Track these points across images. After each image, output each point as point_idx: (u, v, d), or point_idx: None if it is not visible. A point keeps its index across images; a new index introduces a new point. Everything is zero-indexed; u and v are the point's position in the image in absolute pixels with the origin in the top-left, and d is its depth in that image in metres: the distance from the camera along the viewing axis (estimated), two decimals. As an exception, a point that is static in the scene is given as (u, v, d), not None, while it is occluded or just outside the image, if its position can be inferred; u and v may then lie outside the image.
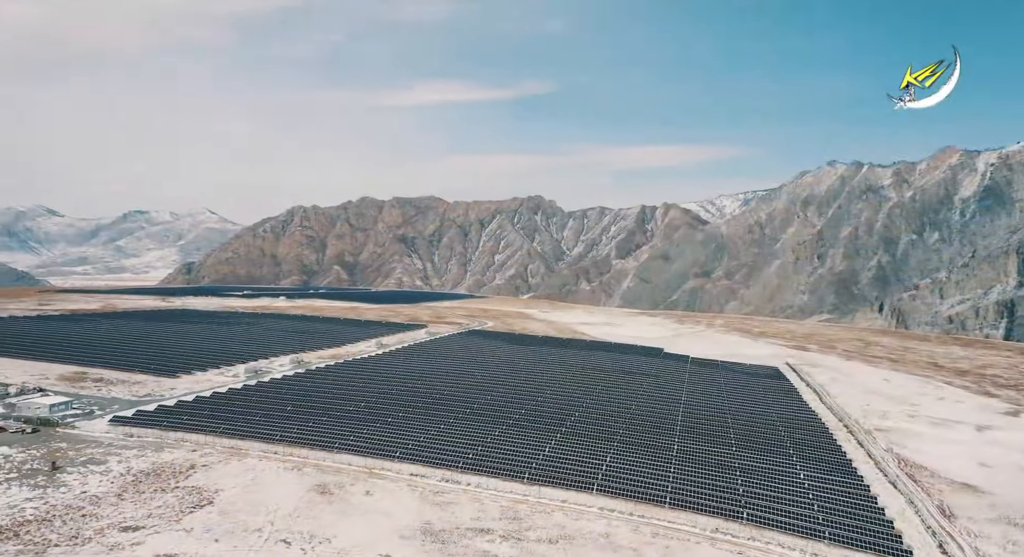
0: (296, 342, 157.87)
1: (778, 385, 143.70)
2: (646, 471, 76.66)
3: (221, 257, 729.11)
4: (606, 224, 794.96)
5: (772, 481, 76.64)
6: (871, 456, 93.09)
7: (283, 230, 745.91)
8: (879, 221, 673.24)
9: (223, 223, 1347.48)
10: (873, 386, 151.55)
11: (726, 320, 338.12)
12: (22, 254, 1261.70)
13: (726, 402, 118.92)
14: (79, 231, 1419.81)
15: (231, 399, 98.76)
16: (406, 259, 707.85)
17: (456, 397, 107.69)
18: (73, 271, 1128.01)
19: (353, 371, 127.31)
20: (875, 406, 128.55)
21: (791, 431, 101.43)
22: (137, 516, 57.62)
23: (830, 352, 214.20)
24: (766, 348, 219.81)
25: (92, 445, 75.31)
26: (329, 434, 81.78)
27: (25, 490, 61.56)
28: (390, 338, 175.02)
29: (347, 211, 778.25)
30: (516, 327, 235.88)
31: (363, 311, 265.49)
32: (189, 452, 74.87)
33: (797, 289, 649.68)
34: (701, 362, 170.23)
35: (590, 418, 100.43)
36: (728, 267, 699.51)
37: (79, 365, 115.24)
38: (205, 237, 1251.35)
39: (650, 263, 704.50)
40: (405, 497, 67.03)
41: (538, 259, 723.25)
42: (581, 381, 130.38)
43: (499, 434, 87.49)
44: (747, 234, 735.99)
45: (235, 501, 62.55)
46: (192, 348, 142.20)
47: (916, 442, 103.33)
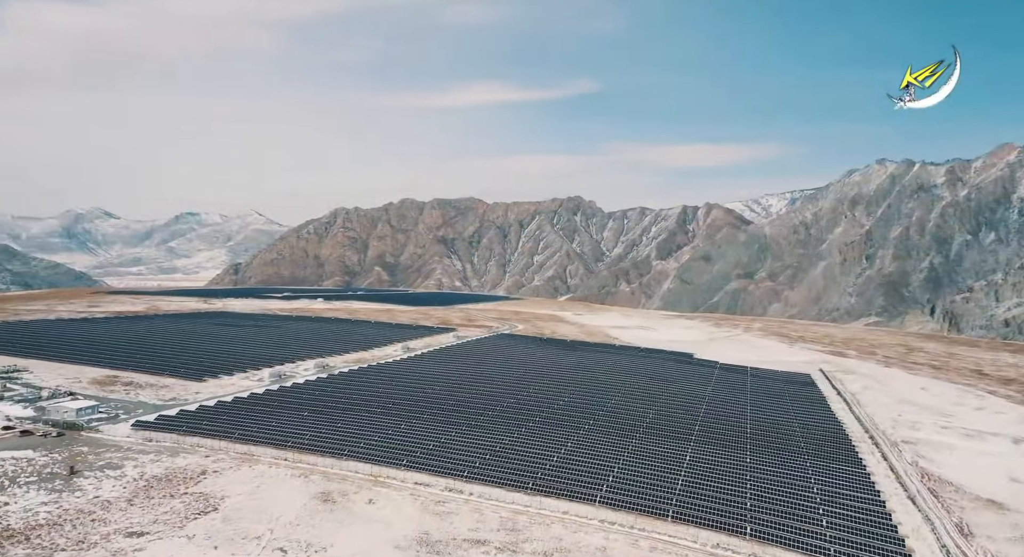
0: (324, 346, 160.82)
1: (806, 393, 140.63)
2: (654, 482, 76.00)
3: (266, 258, 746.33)
4: (646, 224, 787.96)
5: (783, 495, 75.15)
6: (893, 469, 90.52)
7: (326, 231, 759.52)
8: (931, 221, 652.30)
9: (270, 224, 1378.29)
10: (908, 395, 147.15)
11: (764, 324, 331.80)
12: (81, 255, 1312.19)
13: (747, 411, 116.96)
14: (134, 233, 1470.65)
15: (251, 404, 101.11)
16: (446, 260, 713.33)
17: (471, 403, 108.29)
18: (128, 271, 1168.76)
19: (375, 376, 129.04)
20: (907, 416, 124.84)
21: (811, 442, 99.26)
22: (143, 522, 59.59)
23: (869, 358, 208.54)
24: (802, 354, 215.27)
25: (112, 449, 78.11)
26: (340, 441, 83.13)
27: (42, 494, 64.22)
28: (417, 342, 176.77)
29: (388, 212, 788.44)
30: (546, 331, 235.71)
31: (396, 313, 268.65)
32: (203, 458, 77.06)
33: (844, 291, 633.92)
34: (729, 368, 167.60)
35: (605, 426, 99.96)
36: (772, 268, 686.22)
37: (112, 368, 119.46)
38: (253, 238, 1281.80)
39: (691, 264, 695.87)
40: (407, 506, 67.76)
41: (577, 260, 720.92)
42: (602, 387, 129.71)
43: (509, 442, 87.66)
44: (792, 234, 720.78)
45: (239, 508, 64.15)
46: (222, 351, 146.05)
47: (945, 455, 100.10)
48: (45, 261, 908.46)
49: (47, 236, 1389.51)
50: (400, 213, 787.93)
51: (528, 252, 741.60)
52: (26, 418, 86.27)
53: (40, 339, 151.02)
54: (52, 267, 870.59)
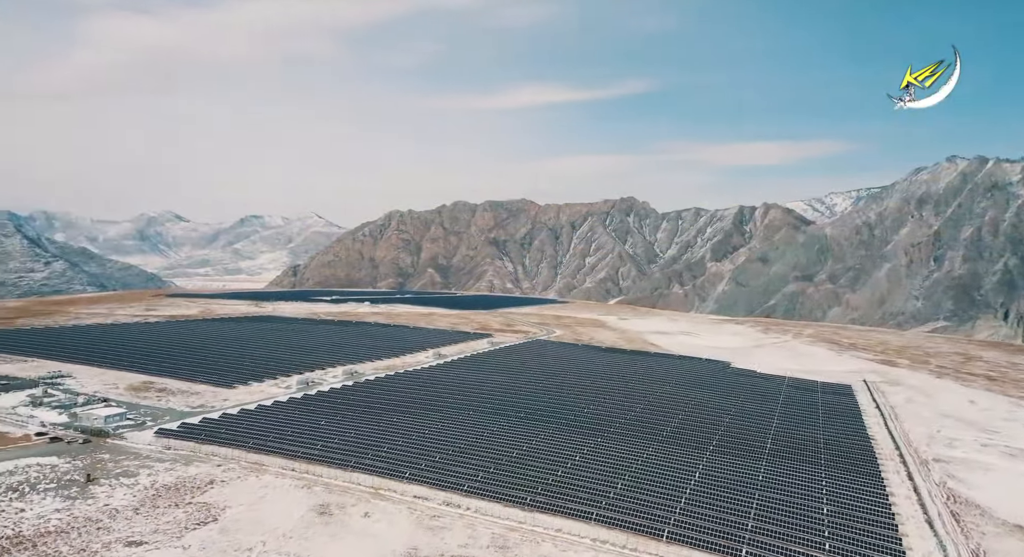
0: (357, 352, 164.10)
1: (842, 405, 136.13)
2: (656, 498, 75.20)
3: (323, 260, 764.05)
4: (701, 225, 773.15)
5: (789, 515, 73.11)
6: (916, 490, 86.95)
7: (380, 234, 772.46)
8: (1006, 221, 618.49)
9: (329, 227, 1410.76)
10: (953, 409, 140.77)
11: (816, 330, 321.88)
12: (153, 256, 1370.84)
13: (773, 423, 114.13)
14: (202, 235, 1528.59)
15: (272, 412, 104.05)
16: (497, 262, 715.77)
17: (489, 413, 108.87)
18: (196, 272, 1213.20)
19: (400, 384, 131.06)
20: (947, 432, 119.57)
21: (833, 458, 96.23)
22: (144, 531, 62.30)
23: (920, 368, 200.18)
24: (850, 362, 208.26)
25: (131, 457, 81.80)
26: (349, 451, 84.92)
27: (57, 501, 67.82)
28: (450, 348, 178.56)
29: (441, 215, 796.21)
30: (584, 337, 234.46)
31: (436, 318, 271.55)
32: (214, 467, 79.91)
33: (910, 294, 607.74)
34: (766, 377, 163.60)
35: (621, 437, 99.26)
36: (832, 270, 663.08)
37: (149, 374, 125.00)
38: (312, 240, 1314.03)
39: (747, 266, 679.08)
40: (402, 520, 68.79)
41: (629, 262, 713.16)
42: (626, 397, 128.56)
43: (517, 454, 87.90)
44: (854, 235, 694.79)
45: (238, 519, 66.36)
46: (257, 357, 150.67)
47: (979, 475, 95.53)
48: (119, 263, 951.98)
49: (122, 239, 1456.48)
50: (452, 215, 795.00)
51: (580, 254, 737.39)
52: (59, 424, 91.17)
53: (89, 344, 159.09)
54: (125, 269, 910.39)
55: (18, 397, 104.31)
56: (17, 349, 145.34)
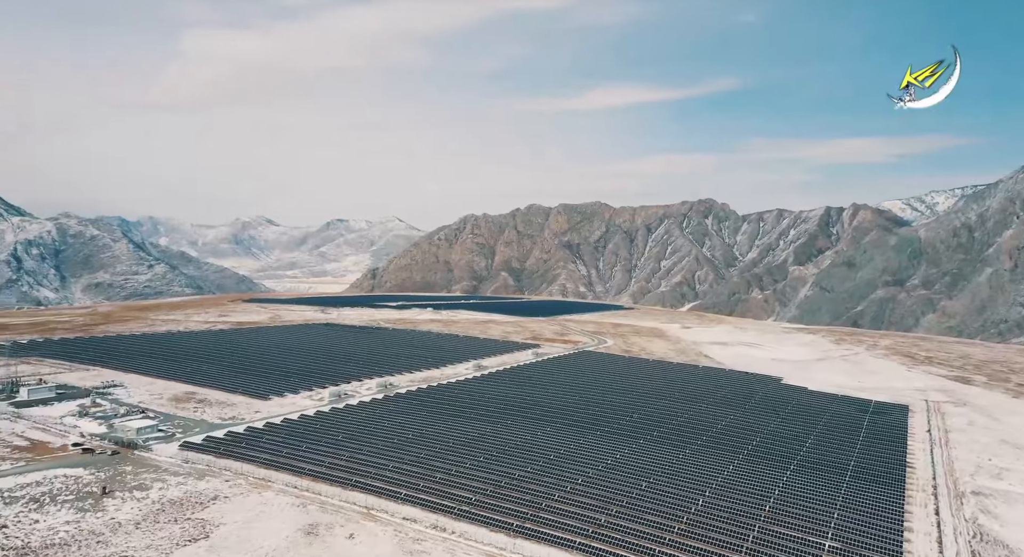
0: (397, 362, 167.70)
1: (891, 426, 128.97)
2: (648, 528, 73.81)
3: (401, 263, 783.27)
4: (784, 227, 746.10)
5: (787, 553, 70.38)
6: (939, 525, 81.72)
7: (456, 237, 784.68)
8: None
9: (409, 230, 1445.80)
10: (1017, 435, 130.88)
11: (894, 341, 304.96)
12: (247, 259, 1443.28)
13: (804, 446, 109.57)
14: (291, 238, 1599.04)
15: (296, 426, 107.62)
16: (570, 265, 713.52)
17: (503, 432, 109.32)
18: (285, 274, 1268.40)
19: (430, 398, 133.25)
20: (998, 461, 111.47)
21: (858, 486, 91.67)
22: (138, 546, 66.28)
23: (997, 386, 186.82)
24: (919, 379, 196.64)
25: (150, 470, 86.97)
26: (352, 469, 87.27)
27: (71, 513, 73.01)
28: (492, 359, 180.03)
29: (515, 218, 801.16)
30: (634, 348, 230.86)
31: (491, 326, 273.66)
32: (223, 482, 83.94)
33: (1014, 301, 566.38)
34: (815, 395, 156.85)
35: (631, 460, 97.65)
36: (927, 275, 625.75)
37: (193, 385, 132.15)
38: (393, 243, 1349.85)
39: (832, 270, 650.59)
40: (384, 543, 70.31)
41: (707, 265, 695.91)
42: (654, 415, 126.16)
43: (519, 476, 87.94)
44: (951, 238, 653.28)
45: (228, 537, 69.58)
46: (299, 368, 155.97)
47: (1018, 511, 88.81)
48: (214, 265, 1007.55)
49: (219, 242, 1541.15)
50: (526, 219, 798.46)
51: (655, 257, 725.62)
52: (97, 435, 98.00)
53: (150, 353, 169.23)
54: (219, 271, 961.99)
55: (69, 407, 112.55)
56: (85, 358, 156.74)
